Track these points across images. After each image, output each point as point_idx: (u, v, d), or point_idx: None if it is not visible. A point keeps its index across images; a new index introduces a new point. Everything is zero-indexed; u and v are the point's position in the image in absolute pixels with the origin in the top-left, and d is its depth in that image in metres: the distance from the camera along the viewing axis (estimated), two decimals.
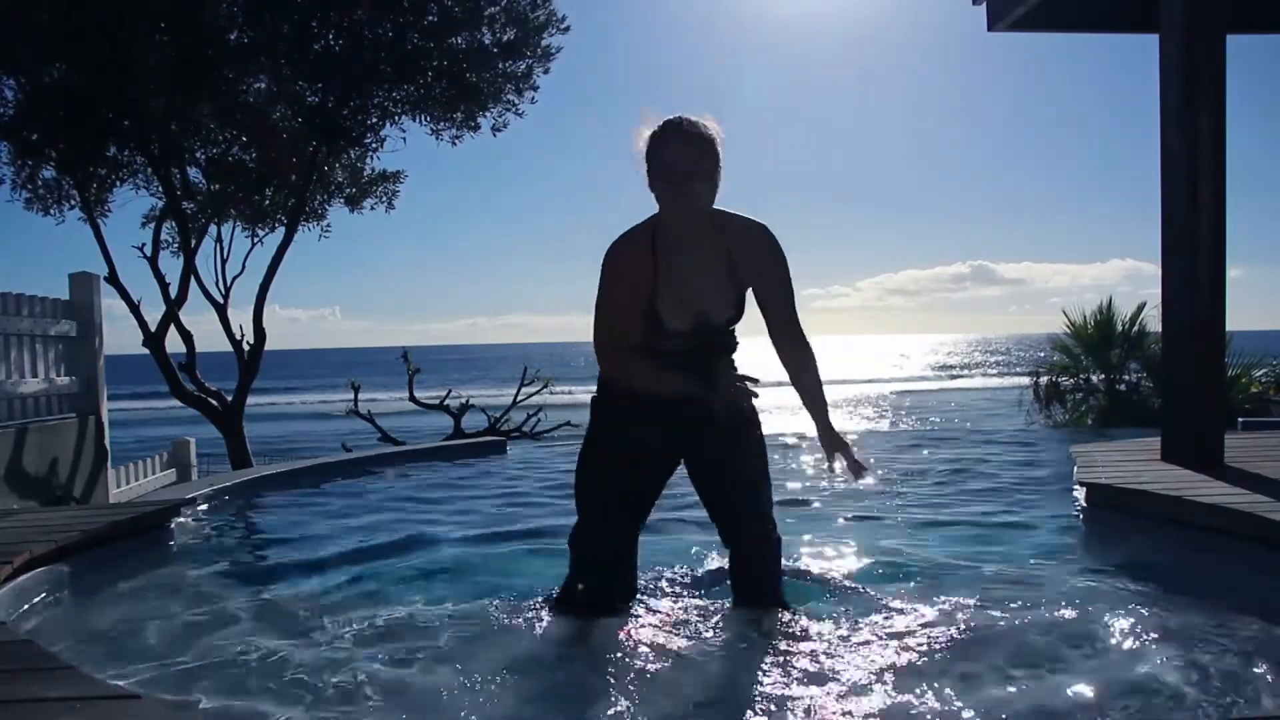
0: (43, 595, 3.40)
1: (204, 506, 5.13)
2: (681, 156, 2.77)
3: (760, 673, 2.59)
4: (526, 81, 11.11)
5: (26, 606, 3.25)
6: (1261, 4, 6.26)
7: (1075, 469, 5.00)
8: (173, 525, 4.51)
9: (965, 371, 62.49)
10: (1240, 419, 7.96)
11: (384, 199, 12.37)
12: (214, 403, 11.38)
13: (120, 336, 11.10)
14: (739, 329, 3.05)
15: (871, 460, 3.03)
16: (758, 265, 2.93)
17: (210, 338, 11.89)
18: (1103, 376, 10.63)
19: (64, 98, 9.71)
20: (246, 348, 11.47)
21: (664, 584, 3.46)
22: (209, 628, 3.07)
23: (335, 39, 10.65)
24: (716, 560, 3.56)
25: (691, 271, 2.88)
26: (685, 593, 3.38)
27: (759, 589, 3.09)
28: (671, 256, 2.87)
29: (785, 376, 3.03)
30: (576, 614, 3.03)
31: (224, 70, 10.28)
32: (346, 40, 10.58)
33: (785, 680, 2.53)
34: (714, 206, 2.86)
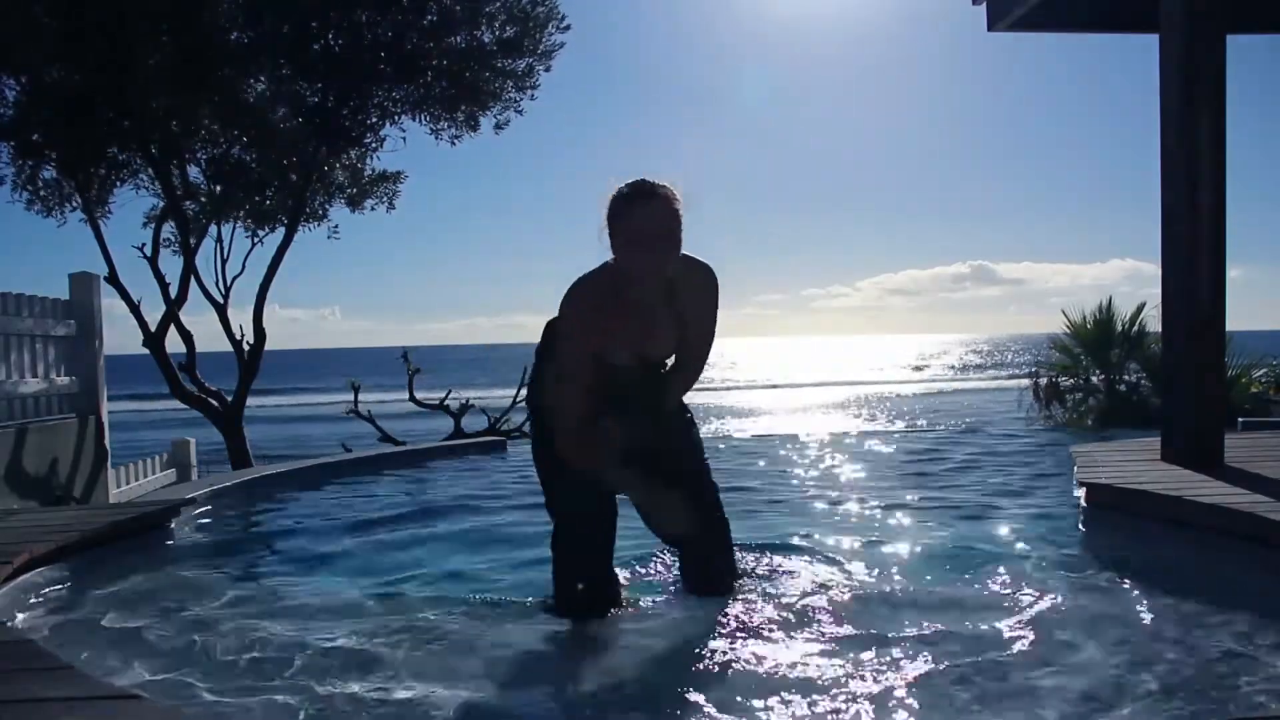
0: (43, 595, 3.41)
1: (204, 507, 5.14)
2: (653, 220, 2.81)
3: (740, 663, 2.59)
4: (528, 79, 11.09)
5: (26, 606, 3.25)
6: (1261, 4, 6.26)
7: (1075, 469, 4.99)
8: (173, 525, 4.52)
9: (965, 372, 62.47)
10: (1240, 419, 7.95)
11: (385, 199, 12.37)
12: (214, 403, 11.38)
13: (120, 336, 11.09)
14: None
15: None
16: (696, 305, 3.05)
17: (210, 338, 11.88)
18: (1102, 376, 10.63)
19: (64, 98, 9.71)
20: (246, 348, 11.47)
21: (649, 575, 3.47)
22: (209, 628, 3.07)
23: (335, 39, 10.64)
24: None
25: (647, 318, 2.99)
26: (665, 584, 3.39)
27: (705, 577, 3.20)
28: (635, 308, 2.96)
29: (775, 379, 3.11)
30: (572, 614, 3.06)
31: (224, 70, 10.27)
32: (346, 40, 10.57)
33: (769, 672, 2.53)
34: None
